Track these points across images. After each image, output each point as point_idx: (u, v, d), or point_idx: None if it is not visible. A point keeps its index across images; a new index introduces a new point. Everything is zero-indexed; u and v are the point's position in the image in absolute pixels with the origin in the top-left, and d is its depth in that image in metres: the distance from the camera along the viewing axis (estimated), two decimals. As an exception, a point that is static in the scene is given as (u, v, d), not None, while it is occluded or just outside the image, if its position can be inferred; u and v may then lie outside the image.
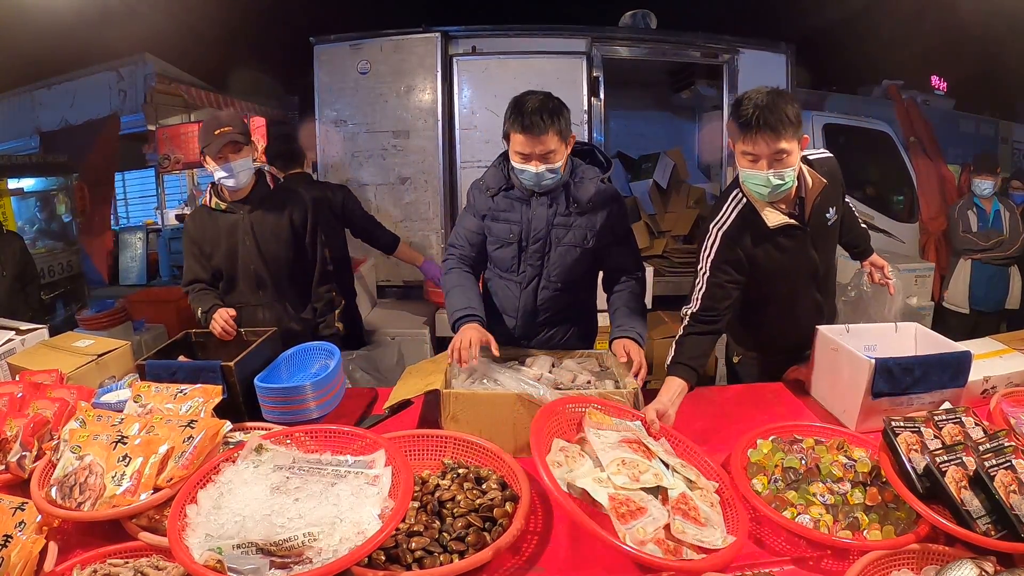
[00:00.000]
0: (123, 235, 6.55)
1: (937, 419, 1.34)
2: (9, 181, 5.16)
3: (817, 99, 5.81)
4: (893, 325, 1.87)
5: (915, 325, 1.87)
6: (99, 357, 1.95)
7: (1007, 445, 1.25)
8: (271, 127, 6.81)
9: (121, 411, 1.46)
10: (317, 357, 1.95)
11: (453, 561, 1.10)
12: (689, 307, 1.78)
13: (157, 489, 1.22)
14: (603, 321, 2.06)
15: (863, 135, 5.13)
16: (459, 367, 1.68)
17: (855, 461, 1.36)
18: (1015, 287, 4.12)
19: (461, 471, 1.35)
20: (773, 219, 1.71)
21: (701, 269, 1.77)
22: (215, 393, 1.52)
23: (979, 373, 1.70)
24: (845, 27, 6.59)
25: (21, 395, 1.53)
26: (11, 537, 1.09)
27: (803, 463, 1.38)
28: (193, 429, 1.31)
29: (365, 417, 1.80)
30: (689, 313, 1.77)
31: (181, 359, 1.87)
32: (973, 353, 1.63)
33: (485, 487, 1.30)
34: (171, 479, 1.22)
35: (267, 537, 1.03)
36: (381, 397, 1.89)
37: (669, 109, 5.69)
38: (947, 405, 1.55)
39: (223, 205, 2.24)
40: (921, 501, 1.18)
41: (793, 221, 1.72)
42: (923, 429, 1.30)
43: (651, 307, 3.81)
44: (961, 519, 1.14)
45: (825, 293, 1.95)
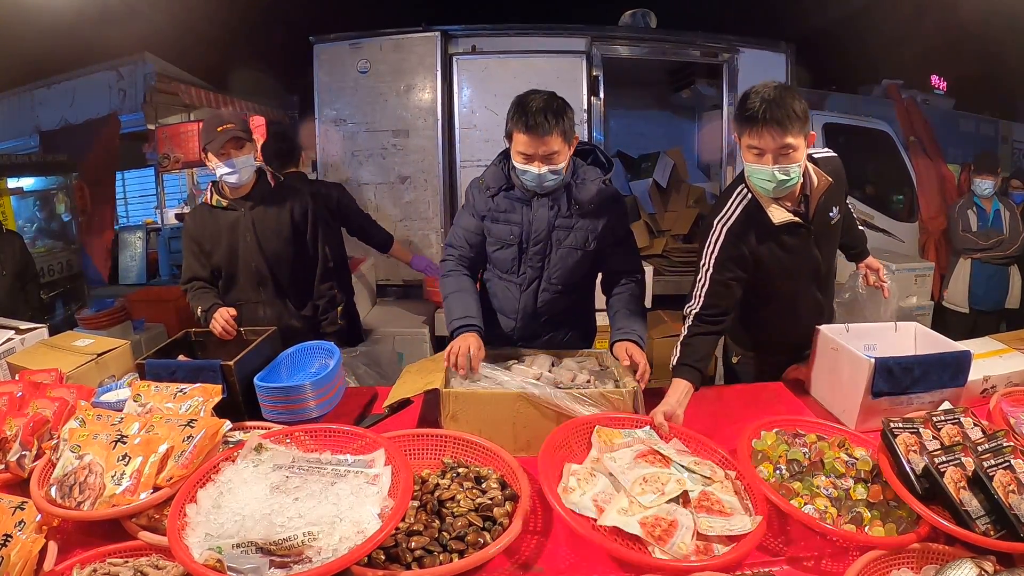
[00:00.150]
0: (123, 234, 6.53)
1: (936, 420, 1.34)
2: (9, 180, 5.15)
3: (817, 98, 5.80)
4: (893, 325, 1.87)
5: (915, 324, 1.87)
6: (99, 356, 1.94)
7: (1005, 445, 1.25)
8: (270, 126, 6.80)
9: (121, 410, 1.46)
10: (317, 356, 1.95)
11: (453, 560, 1.10)
12: (692, 306, 1.76)
13: (157, 488, 1.22)
14: (602, 321, 2.05)
15: (863, 135, 5.13)
16: (461, 373, 1.68)
17: (856, 459, 1.36)
18: (1015, 287, 4.12)
19: (461, 470, 1.35)
20: (778, 216, 1.69)
21: (704, 266, 1.74)
22: (215, 392, 1.52)
23: (979, 373, 1.70)
24: (845, 27, 6.58)
25: (21, 394, 1.53)
26: (11, 536, 1.09)
27: (806, 456, 1.38)
28: (193, 428, 1.31)
29: (365, 416, 1.80)
30: (693, 313, 1.75)
31: (181, 358, 1.87)
32: (973, 353, 1.64)
33: (485, 486, 1.30)
34: (171, 478, 1.22)
35: (267, 536, 1.03)
36: (381, 396, 1.89)
37: (669, 108, 5.68)
38: (947, 405, 1.55)
39: (224, 202, 2.24)
40: (920, 502, 1.18)
41: (798, 219, 1.71)
42: (922, 430, 1.30)
43: (651, 306, 3.81)
44: (960, 519, 1.14)
45: (826, 293, 1.95)
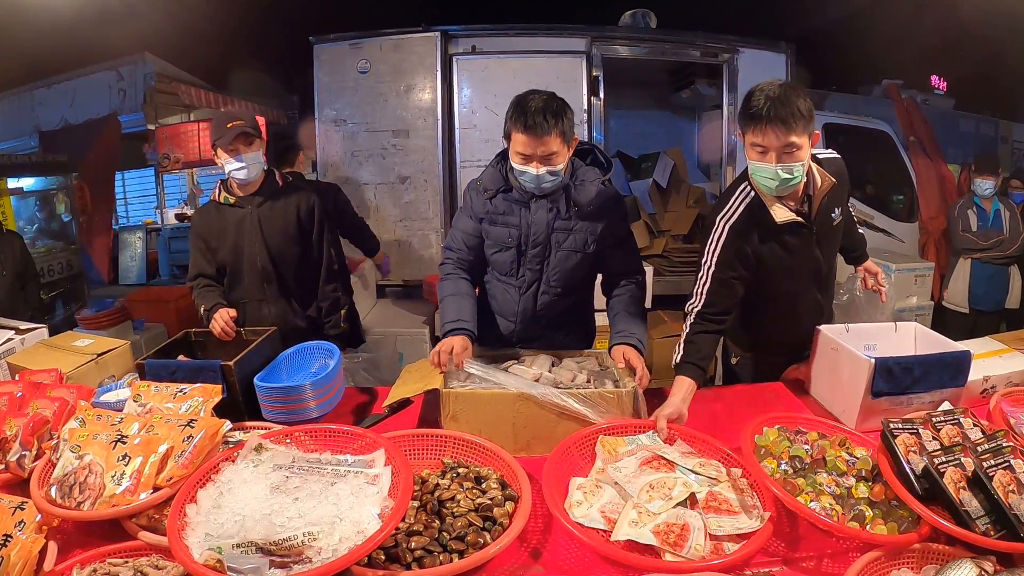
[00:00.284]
0: (123, 234, 6.54)
1: (935, 420, 1.34)
2: (9, 180, 5.14)
3: (817, 99, 5.80)
4: (893, 325, 1.87)
5: (915, 325, 1.87)
6: (99, 356, 1.95)
7: (1005, 445, 1.25)
8: (267, 127, 6.80)
9: (121, 410, 1.46)
10: (317, 356, 1.95)
11: (453, 561, 1.10)
12: (693, 304, 1.75)
13: (157, 488, 1.22)
14: (601, 321, 2.05)
15: (863, 135, 5.13)
16: (443, 370, 1.69)
17: (857, 459, 1.36)
18: (1015, 287, 4.12)
19: (461, 470, 1.35)
20: (781, 215, 1.69)
21: (706, 263, 1.74)
22: (215, 392, 1.51)
23: (979, 373, 1.69)
24: (845, 27, 6.59)
25: (21, 394, 1.53)
26: (11, 536, 1.09)
27: (808, 453, 1.38)
28: (193, 428, 1.31)
29: (365, 416, 1.80)
30: (695, 311, 1.75)
31: (181, 358, 1.87)
32: (973, 353, 1.63)
33: (485, 486, 1.30)
34: (171, 478, 1.22)
35: (267, 536, 1.03)
36: (381, 396, 1.89)
37: (669, 108, 5.68)
38: (947, 405, 1.55)
39: (232, 199, 2.25)
40: (920, 502, 1.18)
41: (800, 219, 1.71)
42: (921, 431, 1.30)
43: (651, 307, 3.81)
44: (960, 519, 1.13)
45: (826, 293, 1.95)
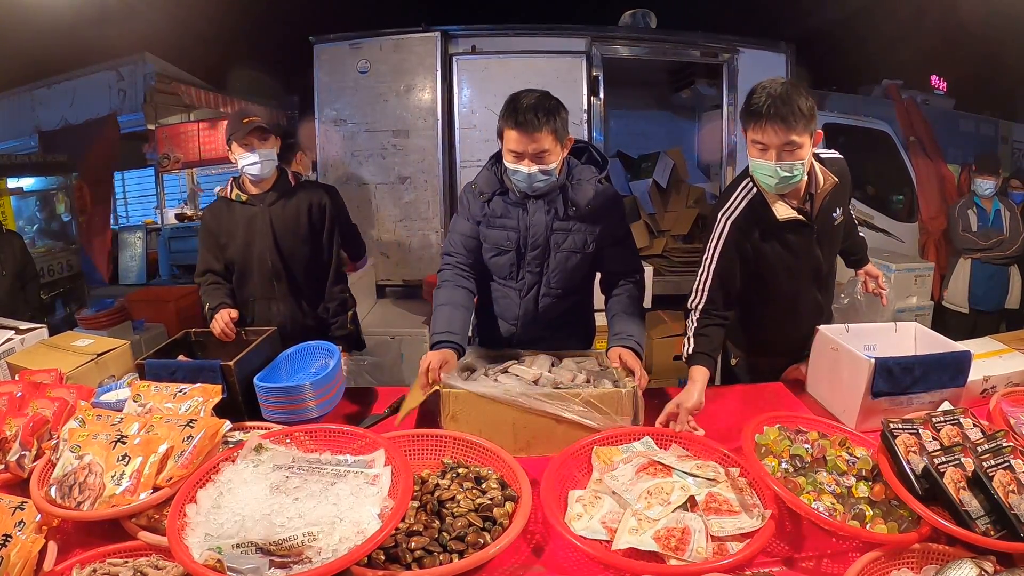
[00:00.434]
0: (122, 234, 6.54)
1: (935, 421, 1.34)
2: (9, 180, 5.15)
3: (817, 99, 5.78)
4: (893, 325, 1.87)
5: (915, 325, 1.87)
6: (98, 356, 1.95)
7: (1005, 445, 1.25)
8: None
9: (120, 410, 1.46)
10: (317, 357, 1.95)
11: (453, 561, 1.10)
12: (695, 301, 1.75)
13: (156, 488, 1.22)
14: (601, 321, 2.04)
15: (863, 135, 5.14)
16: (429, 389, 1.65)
17: (857, 459, 1.36)
18: (1015, 287, 4.13)
19: (461, 471, 1.35)
20: (782, 212, 1.70)
21: (708, 260, 1.74)
22: (215, 392, 1.51)
23: (979, 373, 1.69)
24: (845, 27, 6.57)
25: (20, 394, 1.52)
26: (10, 536, 1.09)
27: (809, 452, 1.38)
28: (192, 428, 1.31)
29: (365, 417, 1.80)
30: (698, 307, 1.75)
31: (180, 358, 1.87)
32: (973, 353, 1.63)
33: (485, 487, 1.30)
34: (170, 478, 1.22)
35: (267, 537, 1.03)
36: (381, 396, 1.90)
37: (669, 109, 5.68)
38: (947, 405, 1.55)
39: (244, 197, 2.25)
40: (920, 502, 1.18)
41: (802, 217, 1.72)
42: (921, 431, 1.30)
43: (651, 307, 3.82)
44: (960, 519, 1.13)
45: (826, 294, 1.95)
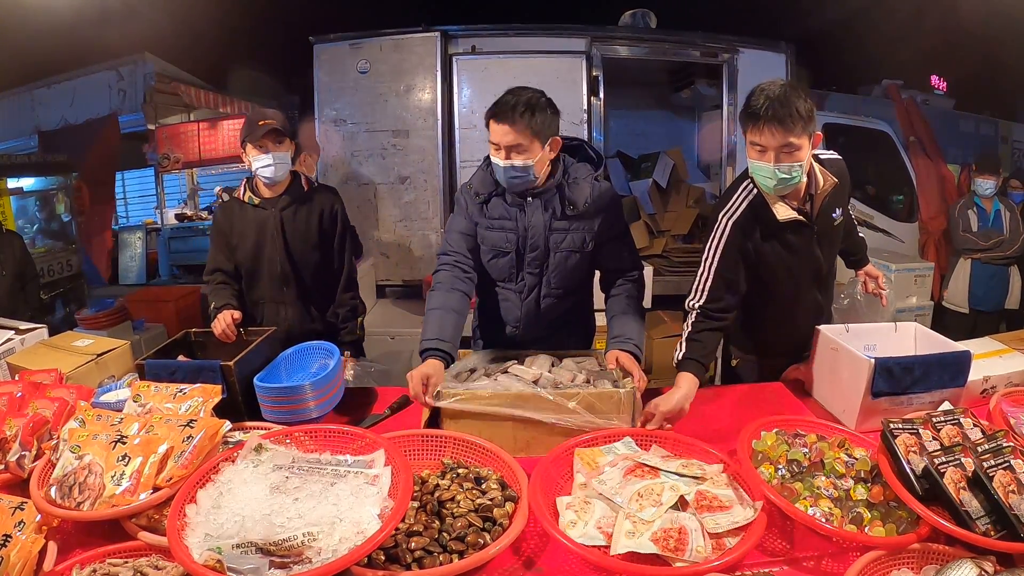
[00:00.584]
0: (122, 234, 6.54)
1: (935, 421, 1.34)
2: (8, 180, 5.14)
3: (817, 99, 5.78)
4: (893, 325, 1.87)
5: (915, 325, 1.87)
6: (98, 357, 1.95)
7: (1005, 445, 1.25)
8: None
9: (120, 411, 1.46)
10: (316, 357, 1.95)
11: (453, 561, 1.10)
12: (695, 301, 1.75)
13: (156, 489, 1.22)
14: (601, 320, 2.03)
15: (863, 135, 5.14)
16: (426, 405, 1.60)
17: (856, 459, 1.36)
18: (1015, 287, 4.13)
19: (461, 471, 1.35)
20: (783, 213, 1.70)
21: (707, 260, 1.74)
22: (214, 393, 1.51)
23: (979, 373, 1.69)
24: (845, 27, 6.58)
25: (20, 395, 1.52)
26: (10, 537, 1.09)
27: (807, 457, 1.38)
28: (192, 429, 1.31)
29: (365, 417, 1.80)
30: (696, 308, 1.74)
31: (180, 358, 1.87)
32: (973, 353, 1.63)
33: (485, 487, 1.30)
34: (170, 479, 1.22)
35: (267, 537, 1.03)
36: (381, 397, 1.90)
37: (669, 109, 5.68)
38: (947, 405, 1.55)
39: (256, 200, 2.25)
40: (921, 502, 1.18)
41: (802, 217, 1.72)
42: (921, 431, 1.30)
43: (651, 307, 3.81)
44: (960, 520, 1.13)
45: (826, 294, 1.95)
